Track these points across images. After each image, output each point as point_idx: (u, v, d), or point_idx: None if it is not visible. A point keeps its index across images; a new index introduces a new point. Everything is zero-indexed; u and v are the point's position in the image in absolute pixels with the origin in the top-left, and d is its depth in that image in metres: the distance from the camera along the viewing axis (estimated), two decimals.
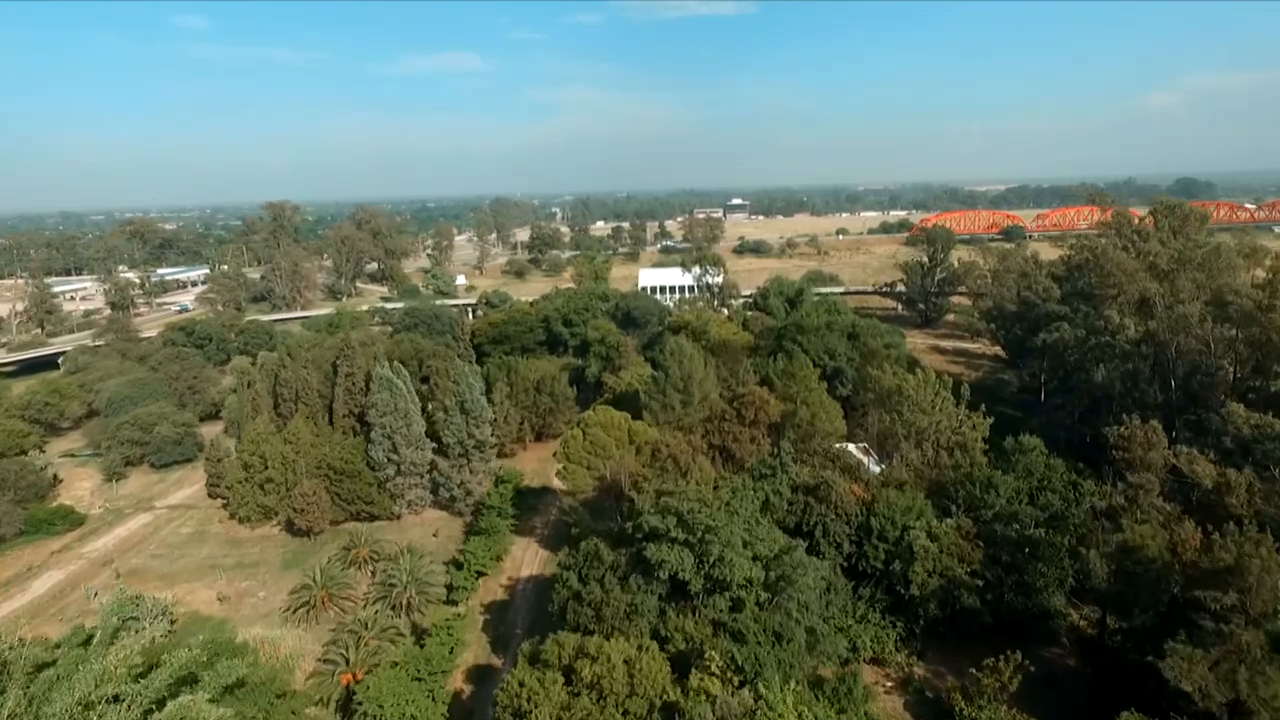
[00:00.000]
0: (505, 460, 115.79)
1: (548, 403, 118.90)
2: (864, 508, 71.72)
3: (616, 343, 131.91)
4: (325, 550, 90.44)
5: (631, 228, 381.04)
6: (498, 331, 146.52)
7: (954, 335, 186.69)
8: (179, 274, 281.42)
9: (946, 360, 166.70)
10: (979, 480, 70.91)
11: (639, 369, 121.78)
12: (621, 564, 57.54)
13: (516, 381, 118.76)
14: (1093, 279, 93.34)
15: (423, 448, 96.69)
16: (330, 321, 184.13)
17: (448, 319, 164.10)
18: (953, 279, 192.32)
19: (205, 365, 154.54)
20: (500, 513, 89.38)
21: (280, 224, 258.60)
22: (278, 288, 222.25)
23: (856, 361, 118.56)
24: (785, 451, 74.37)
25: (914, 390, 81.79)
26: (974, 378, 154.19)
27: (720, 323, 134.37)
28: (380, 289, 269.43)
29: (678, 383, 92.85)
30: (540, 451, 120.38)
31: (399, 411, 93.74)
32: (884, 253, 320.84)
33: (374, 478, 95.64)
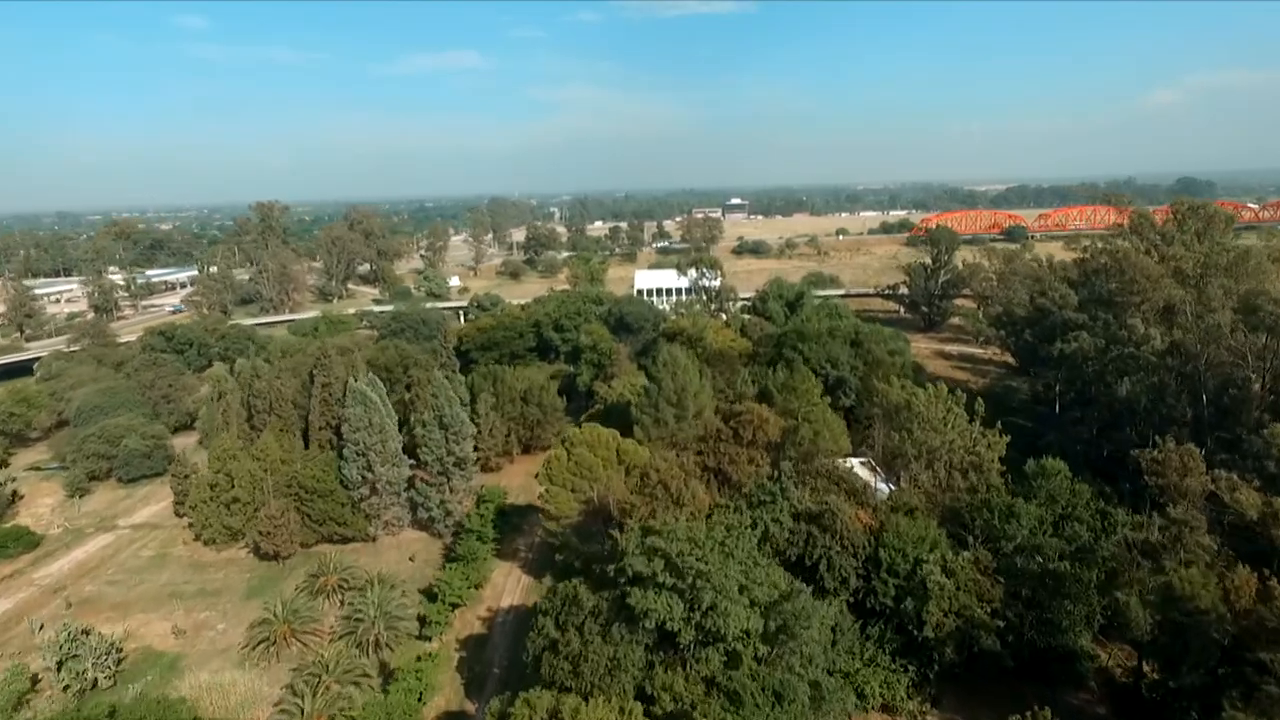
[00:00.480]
0: (491, 475, 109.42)
1: (536, 414, 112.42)
2: (872, 537, 65.27)
3: (609, 350, 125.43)
4: (294, 576, 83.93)
5: (629, 228, 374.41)
6: (486, 337, 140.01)
7: (959, 339, 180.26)
8: (168, 275, 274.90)
9: (952, 366, 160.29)
10: (998, 508, 64.41)
11: (632, 378, 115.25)
12: (603, 610, 51.06)
13: (502, 391, 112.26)
14: (1113, 284, 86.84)
15: (400, 465, 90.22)
16: (315, 325, 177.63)
17: (435, 323, 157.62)
18: (957, 281, 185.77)
19: (183, 372, 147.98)
20: (480, 537, 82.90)
21: (269, 224, 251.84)
22: (265, 290, 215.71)
23: (860, 371, 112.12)
24: (786, 475, 67.84)
25: (924, 406, 75.29)
26: (981, 385, 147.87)
27: (717, 329, 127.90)
28: (373, 290, 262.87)
29: (671, 396, 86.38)
30: (528, 465, 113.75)
31: (373, 427, 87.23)
32: (884, 253, 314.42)
33: (347, 497, 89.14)
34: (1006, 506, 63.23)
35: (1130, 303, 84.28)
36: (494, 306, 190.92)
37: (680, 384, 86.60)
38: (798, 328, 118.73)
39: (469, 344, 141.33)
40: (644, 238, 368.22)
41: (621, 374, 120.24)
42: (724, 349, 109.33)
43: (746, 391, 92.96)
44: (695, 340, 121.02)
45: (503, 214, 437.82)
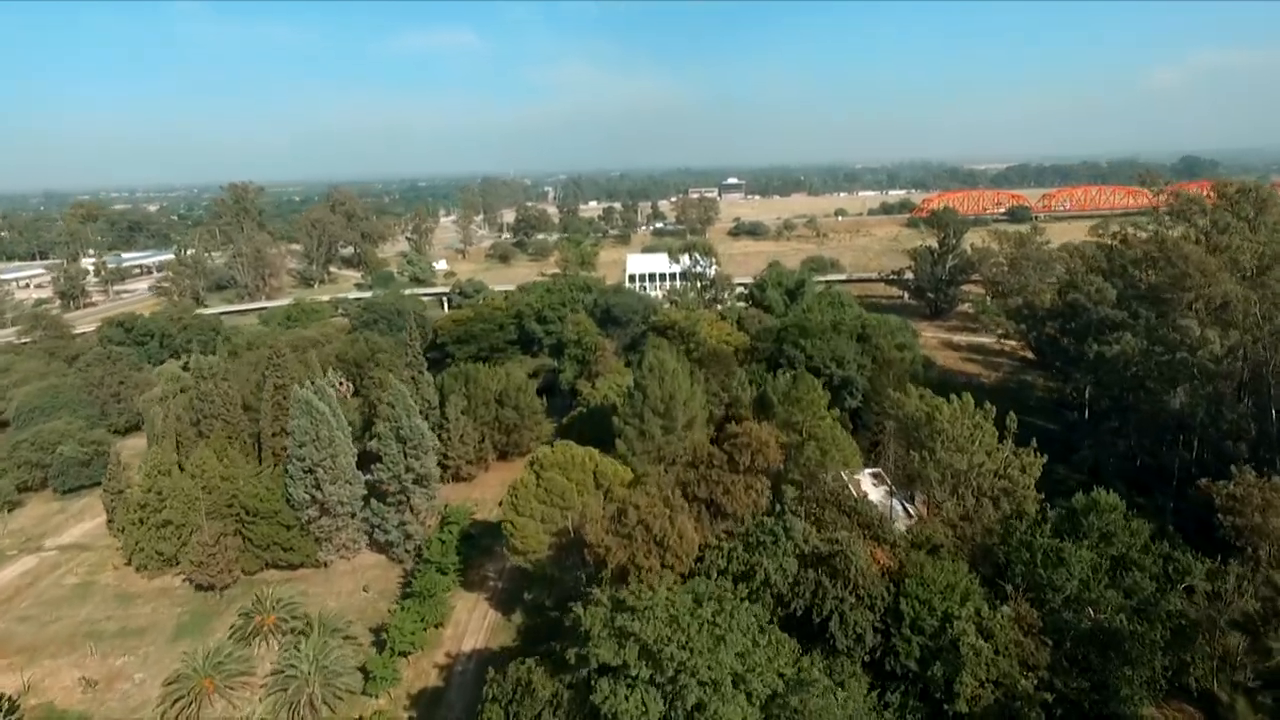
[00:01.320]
0: (462, 486, 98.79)
1: (512, 417, 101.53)
2: (891, 584, 54.73)
3: (593, 345, 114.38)
4: (232, 610, 73.29)
5: (623, 209, 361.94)
6: (463, 330, 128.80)
7: (967, 328, 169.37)
8: (144, 259, 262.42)
9: (961, 358, 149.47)
10: (1040, 550, 53.75)
11: (618, 376, 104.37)
12: (564, 702, 40.49)
13: (475, 393, 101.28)
14: (1160, 278, 75.91)
15: (354, 482, 79.43)
16: (288, 314, 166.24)
17: (410, 313, 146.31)
18: (965, 267, 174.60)
19: (141, 367, 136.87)
20: (441, 568, 72.29)
21: (243, 207, 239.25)
22: (240, 275, 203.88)
23: (868, 370, 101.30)
24: (790, 509, 57.04)
25: (949, 423, 64.43)
26: (994, 379, 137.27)
27: (711, 322, 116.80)
28: (357, 275, 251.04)
29: (658, 405, 75.52)
30: (504, 473, 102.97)
31: (321, 441, 76.30)
32: (885, 235, 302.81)
33: (295, 519, 78.41)
34: (1054, 551, 52.52)
35: (1180, 299, 73.39)
36: (476, 294, 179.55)
37: (668, 391, 75.71)
38: (799, 322, 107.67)
39: (445, 337, 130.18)
40: (638, 219, 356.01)
41: (607, 371, 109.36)
42: (718, 348, 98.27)
43: (743, 399, 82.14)
44: (687, 335, 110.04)
45: (495, 194, 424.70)
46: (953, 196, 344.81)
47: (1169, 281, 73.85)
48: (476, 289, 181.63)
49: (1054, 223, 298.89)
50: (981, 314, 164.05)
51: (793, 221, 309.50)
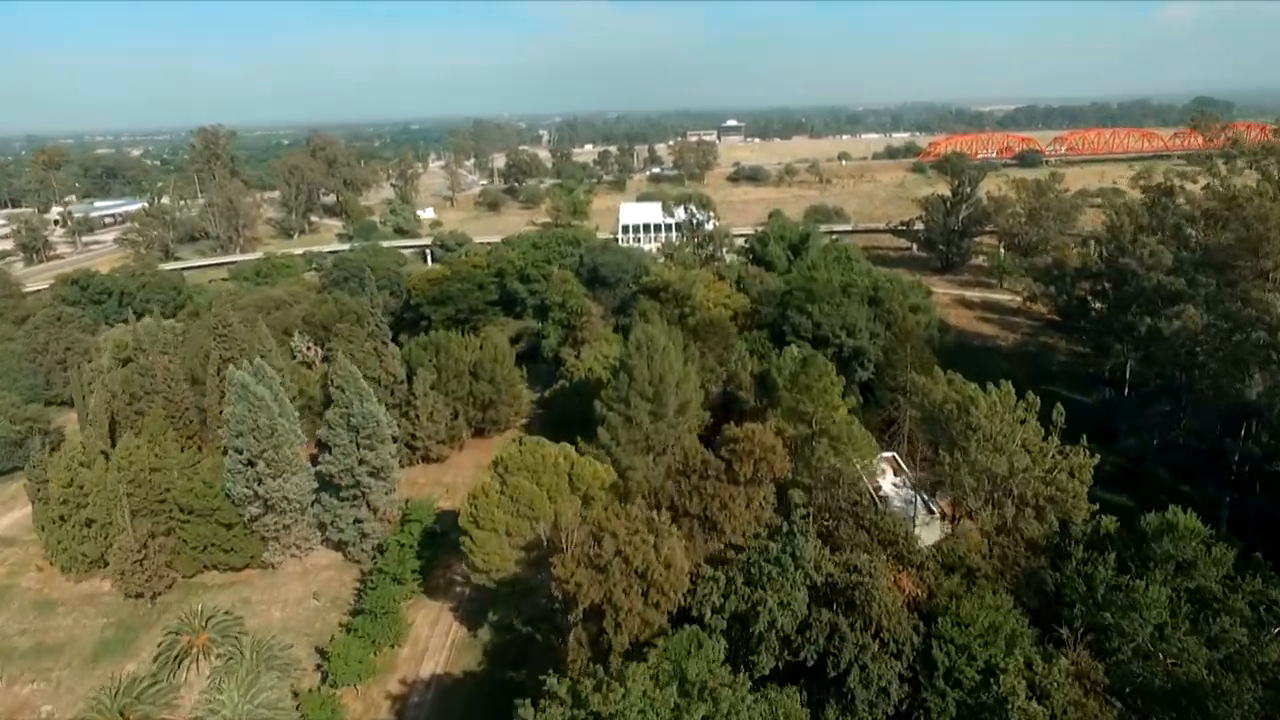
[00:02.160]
0: (433, 468, 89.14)
1: (488, 392, 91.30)
2: (919, 619, 45.27)
3: (579, 308, 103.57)
4: (166, 620, 64.15)
5: (619, 153, 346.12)
6: (439, 290, 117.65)
7: (981, 283, 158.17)
8: (116, 208, 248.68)
9: (976, 317, 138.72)
10: (1103, 585, 44.06)
11: (605, 345, 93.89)
12: None
13: (447, 365, 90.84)
14: (1227, 240, 64.95)
15: (303, 475, 69.58)
16: (257, 270, 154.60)
17: (386, 271, 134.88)
18: (980, 217, 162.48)
19: (97, 329, 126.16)
20: (397, 578, 62.85)
21: (213, 152, 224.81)
22: (212, 227, 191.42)
23: (882, 339, 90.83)
24: (799, 528, 47.05)
25: (986, 417, 54.17)
26: (1011, 342, 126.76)
27: (708, 283, 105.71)
28: (340, 225, 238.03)
29: (645, 388, 65.18)
30: (479, 452, 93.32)
31: (261, 430, 66.15)
32: (890, 180, 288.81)
33: (237, 515, 68.79)
34: (1122, 589, 42.73)
35: (1253, 267, 62.58)
36: (459, 247, 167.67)
37: (658, 372, 65.31)
38: (805, 285, 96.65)
39: (419, 298, 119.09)
40: (634, 163, 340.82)
41: (593, 339, 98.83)
42: (716, 317, 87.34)
43: (743, 378, 71.81)
44: (682, 298, 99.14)
45: (487, 137, 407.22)
46: (960, 140, 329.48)
47: (1238, 244, 62.98)
48: (459, 242, 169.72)
49: (1066, 167, 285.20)
50: (997, 269, 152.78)
51: (794, 166, 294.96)
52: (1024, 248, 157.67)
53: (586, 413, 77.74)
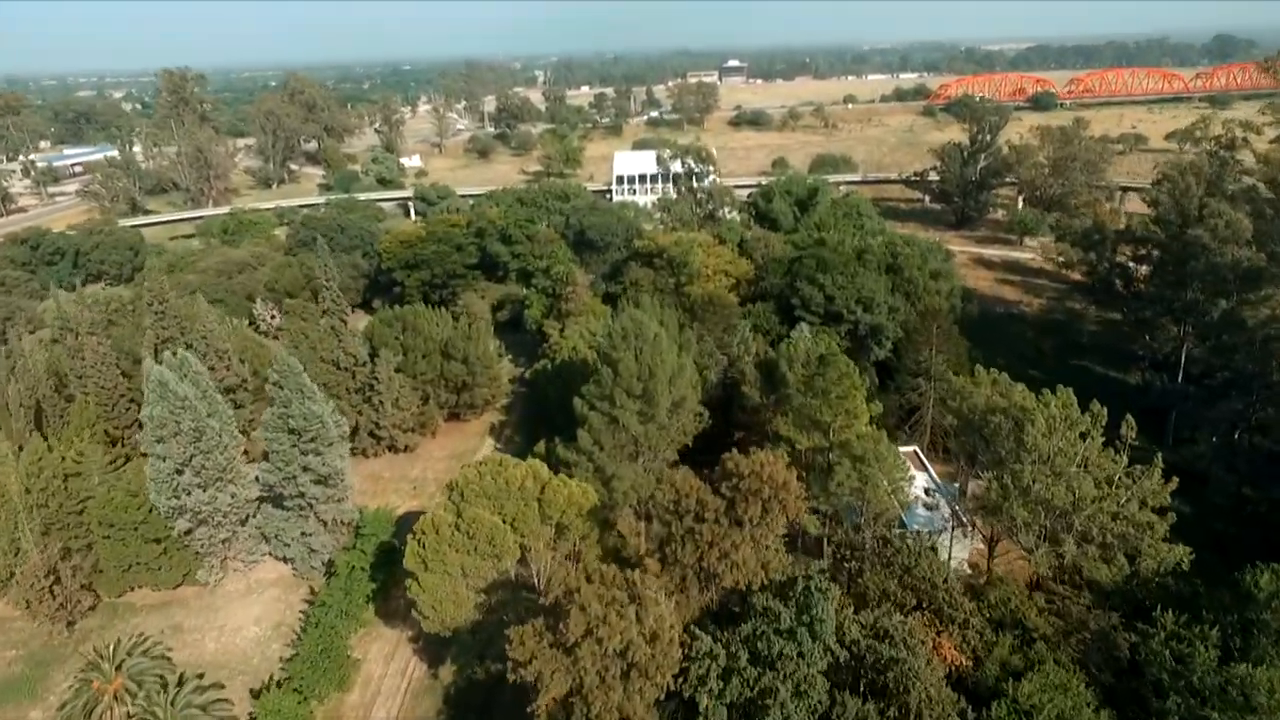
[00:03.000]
0: (400, 458, 79.65)
1: (460, 373, 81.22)
2: (967, 701, 36.10)
3: (564, 275, 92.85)
4: (85, 649, 55.36)
5: (615, 95, 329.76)
6: (412, 254, 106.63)
7: (999, 240, 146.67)
8: (86, 156, 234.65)
9: (996, 279, 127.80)
10: (1203, 671, 34.67)
11: (592, 320, 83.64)
12: None
13: (414, 343, 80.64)
14: None
15: (241, 483, 60.05)
16: (224, 226, 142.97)
17: (359, 230, 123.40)
18: (1000, 168, 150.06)
19: (42, 295, 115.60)
20: (344, 612, 53.74)
21: (181, 97, 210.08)
22: (181, 179, 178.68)
23: (901, 314, 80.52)
24: (817, 588, 37.43)
25: (1042, 436, 44.19)
26: (1036, 308, 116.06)
27: (708, 246, 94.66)
28: (322, 173, 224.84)
29: (633, 384, 55.25)
30: (454, 439, 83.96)
31: (185, 434, 56.38)
32: (899, 125, 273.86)
33: (166, 529, 59.46)
34: (1236, 685, 33.21)
35: None
36: (441, 201, 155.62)
37: (647, 365, 55.27)
38: (816, 253, 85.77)
39: (392, 261, 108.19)
40: (631, 107, 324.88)
41: (580, 311, 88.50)
42: (715, 294, 76.59)
43: (746, 367, 61.57)
44: (678, 265, 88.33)
45: (480, 79, 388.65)
46: (971, 81, 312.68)
47: None
48: (441, 195, 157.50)
49: (1082, 110, 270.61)
50: (1018, 224, 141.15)
51: (798, 110, 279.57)
52: (1046, 201, 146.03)
53: (569, 400, 68.33)
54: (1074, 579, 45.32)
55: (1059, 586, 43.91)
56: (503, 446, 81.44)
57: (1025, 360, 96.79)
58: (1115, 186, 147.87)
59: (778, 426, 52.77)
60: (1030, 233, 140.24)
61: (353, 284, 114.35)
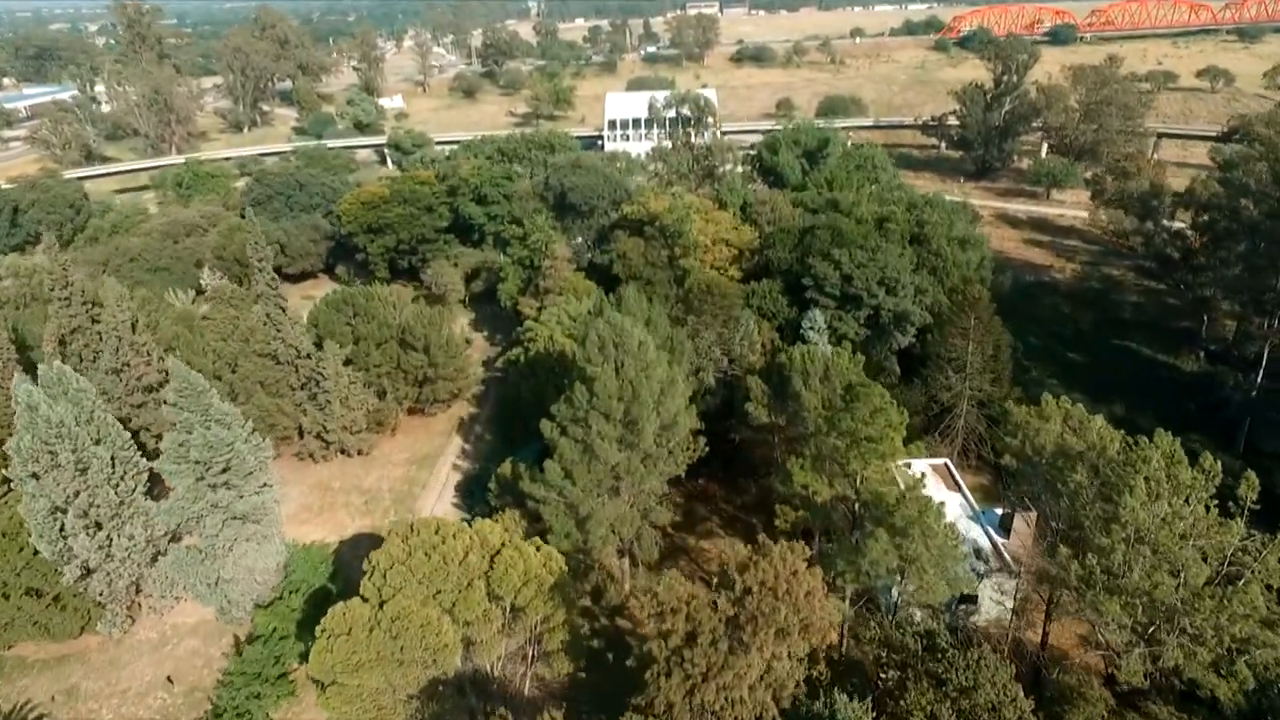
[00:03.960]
0: (353, 464, 68.98)
1: (420, 363, 69.97)
2: None
3: (543, 244, 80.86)
4: None
5: (611, 29, 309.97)
6: (376, 217, 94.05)
7: (1023, 192, 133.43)
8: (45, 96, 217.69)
9: (1024, 239, 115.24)
10: None
11: (573, 300, 72.05)
12: None
13: (367, 331, 69.18)
14: None
15: (136, 520, 49.43)
16: (179, 179, 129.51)
17: (320, 186, 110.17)
18: (1027, 113, 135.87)
19: None
20: (258, 693, 43.63)
21: (137, 33, 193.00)
22: (139, 123, 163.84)
23: (929, 295, 68.98)
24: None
25: (1141, 505, 33.22)
26: (1069, 275, 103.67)
27: (706, 212, 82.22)
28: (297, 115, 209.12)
29: (613, 406, 44.24)
30: (417, 437, 73.22)
31: (65, 467, 45.53)
32: (910, 61, 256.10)
33: (55, 575, 49.11)
34: None
35: None
36: (417, 150, 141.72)
37: (630, 381, 44.17)
38: (831, 222, 73.58)
39: (352, 224, 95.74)
40: (627, 41, 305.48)
41: (561, 287, 76.81)
42: (714, 281, 64.37)
43: (756, 389, 50.09)
44: (672, 236, 76.18)
45: (468, 11, 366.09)
46: (986, 13, 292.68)
47: None
48: (417, 142, 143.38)
49: (1103, 44, 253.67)
50: (1045, 175, 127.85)
51: (803, 45, 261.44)
52: (1076, 149, 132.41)
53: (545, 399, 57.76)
54: (1171, 683, 35.06)
55: (1159, 707, 33.66)
56: (471, 448, 70.78)
57: (1061, 339, 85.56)
58: (1152, 132, 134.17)
59: (789, 468, 41.82)
60: (1059, 185, 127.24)
61: (313, 248, 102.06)
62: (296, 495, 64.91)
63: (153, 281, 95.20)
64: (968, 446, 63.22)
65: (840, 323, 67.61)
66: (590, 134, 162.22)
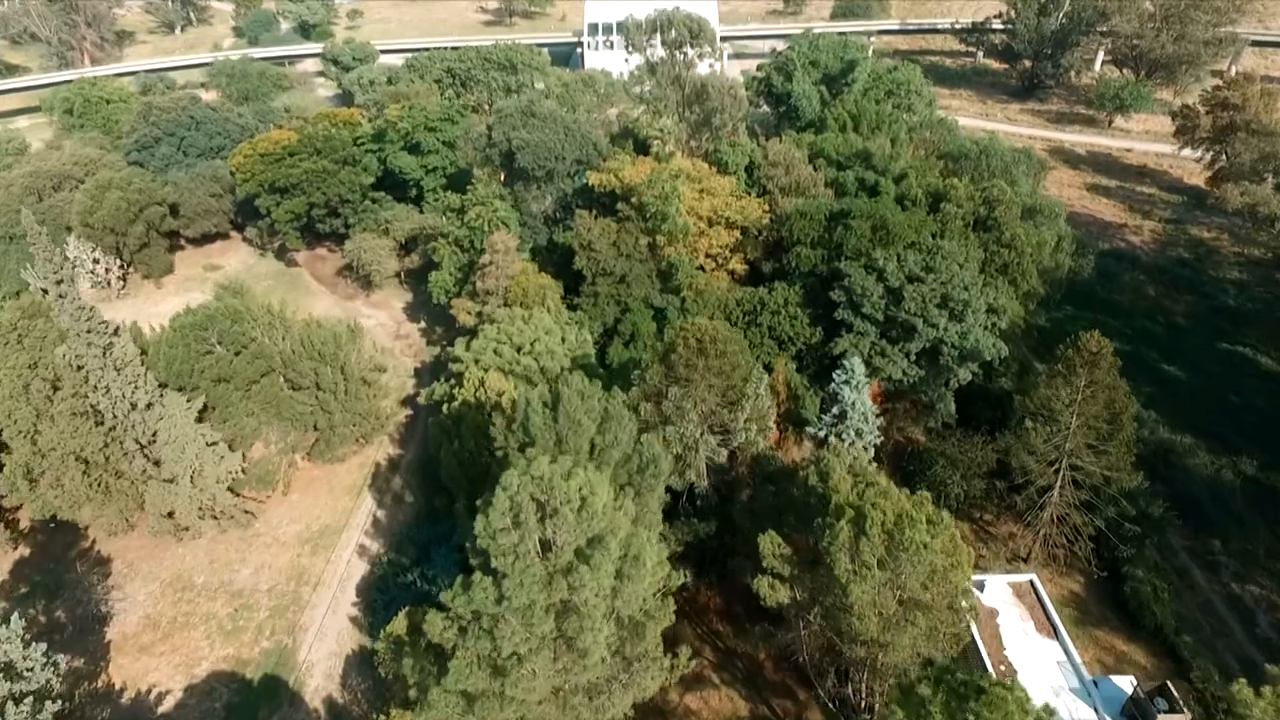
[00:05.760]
0: (230, 539, 50.76)
1: (307, 408, 50.65)
2: None
3: (486, 223, 60.07)
4: None
5: None
6: (279, 173, 72.01)
7: (1078, 117, 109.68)
8: None
9: (1085, 185, 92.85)
10: None
11: (514, 321, 52.02)
12: None
13: (236, 368, 49.41)
14: None
15: None
16: (68, 105, 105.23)
17: (221, 124, 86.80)
18: (1091, 19, 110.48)
19: None
20: None
21: None
22: (36, 25, 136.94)
23: (1005, 315, 49.37)
24: None
25: None
26: (1149, 236, 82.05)
27: (700, 180, 60.52)
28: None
29: (534, 616, 25.65)
30: (316, 497, 54.64)
31: None
32: None
33: None
34: None
35: None
36: (358, 65, 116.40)
37: (562, 576, 25.45)
38: (871, 209, 52.61)
39: (250, 186, 73.78)
40: None
41: (506, 289, 56.54)
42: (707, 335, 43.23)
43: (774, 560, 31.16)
44: (654, 220, 55.28)
45: None
46: None
47: None
48: (359, 55, 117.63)
49: None
50: (1111, 98, 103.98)
51: None
52: (1148, 63, 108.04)
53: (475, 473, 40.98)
54: None
55: None
56: (386, 516, 52.58)
57: (1150, 339, 65.61)
58: (1247, 42, 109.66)
59: None
60: (1126, 110, 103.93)
61: (215, 204, 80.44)
62: (143, 598, 47.33)
63: (5, 255, 74.69)
64: (1054, 539, 45.03)
65: (883, 358, 48.07)
66: (569, 40, 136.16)
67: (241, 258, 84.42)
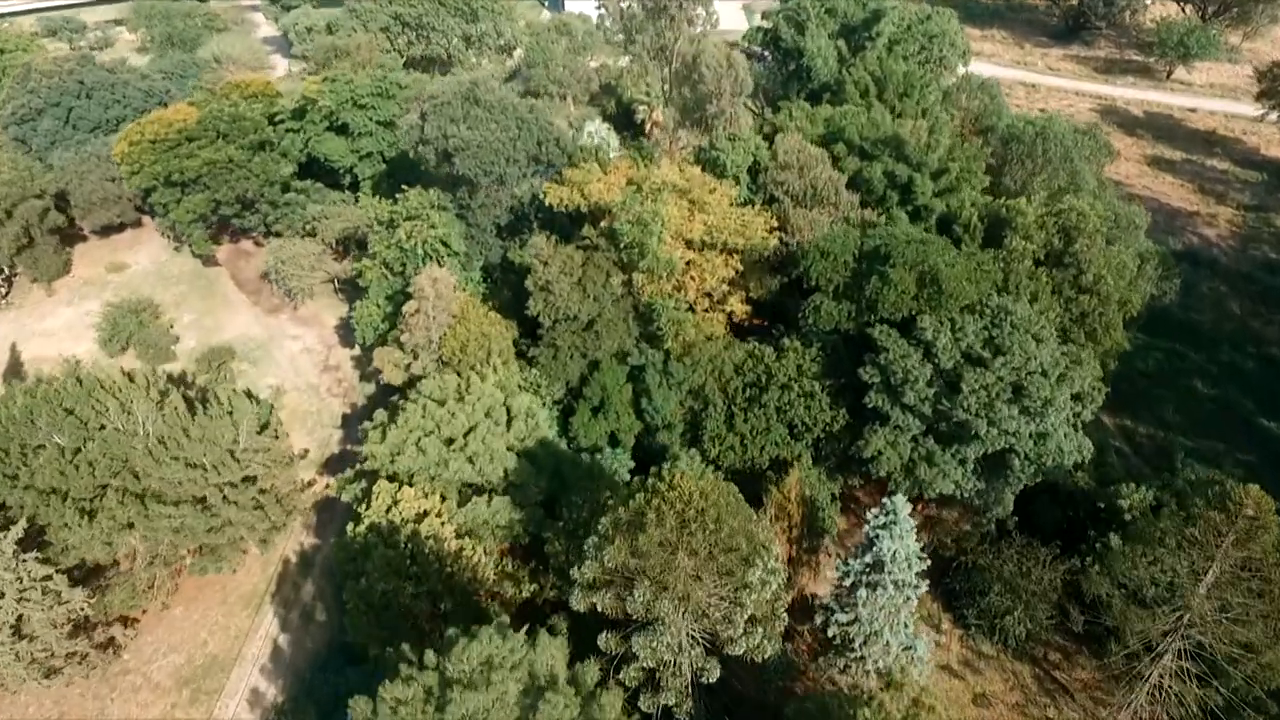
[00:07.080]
0: (85, 687, 39.23)
1: (173, 524, 38.18)
2: None
3: (422, 243, 46.32)
4: None
5: None
6: (171, 164, 57.12)
7: (1129, 66, 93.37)
8: None
9: (1145, 157, 77.58)
10: None
11: (448, 403, 39.06)
12: None
13: (65, 476, 36.71)
14: None
15: None
16: None
17: (120, 90, 70.64)
18: None
19: None
20: None
21: None
22: None
23: (1090, 404, 36.47)
24: None
25: None
26: (1225, 227, 67.09)
27: (689, 190, 46.27)
28: None
29: None
30: (201, 617, 42.66)
31: None
32: None
33: None
34: None
35: None
36: (298, 5, 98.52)
37: None
38: (916, 254, 38.74)
39: (141, 180, 58.95)
40: None
41: (437, 339, 43.28)
42: (701, 503, 30.28)
43: None
44: (628, 253, 41.63)
45: None
46: None
47: None
48: None
49: None
50: (1175, 45, 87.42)
51: None
52: (1218, 3, 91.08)
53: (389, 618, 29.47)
54: None
55: None
56: (290, 643, 40.85)
57: (1240, 378, 52.50)
58: None
59: None
60: (1190, 59, 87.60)
61: (115, 189, 65.54)
62: None
63: None
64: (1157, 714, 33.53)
65: (929, 466, 35.38)
66: None
67: (152, 253, 70.13)
